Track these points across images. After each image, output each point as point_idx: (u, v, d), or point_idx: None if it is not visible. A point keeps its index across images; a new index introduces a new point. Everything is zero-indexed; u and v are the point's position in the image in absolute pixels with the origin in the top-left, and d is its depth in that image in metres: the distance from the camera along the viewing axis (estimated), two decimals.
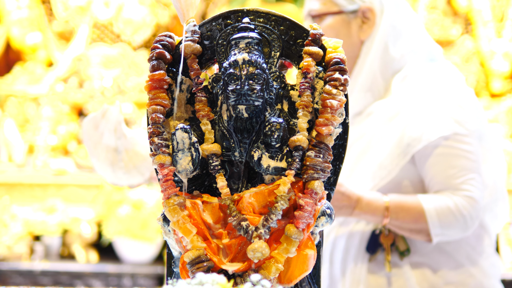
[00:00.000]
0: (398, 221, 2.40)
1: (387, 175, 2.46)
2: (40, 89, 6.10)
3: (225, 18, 1.76)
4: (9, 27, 6.34)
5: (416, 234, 2.44)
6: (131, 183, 2.64)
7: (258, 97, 1.64)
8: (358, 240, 2.55)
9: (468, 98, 2.53)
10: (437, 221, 2.38)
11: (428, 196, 2.42)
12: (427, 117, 2.45)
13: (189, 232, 1.63)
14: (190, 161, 1.66)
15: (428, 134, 2.42)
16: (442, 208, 2.39)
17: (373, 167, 2.49)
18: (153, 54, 1.72)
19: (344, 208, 2.36)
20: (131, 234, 5.32)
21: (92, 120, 2.52)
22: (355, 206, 2.36)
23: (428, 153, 2.44)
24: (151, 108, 1.69)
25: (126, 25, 6.31)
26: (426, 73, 2.57)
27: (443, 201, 2.40)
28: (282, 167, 1.66)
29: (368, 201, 2.38)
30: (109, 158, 2.54)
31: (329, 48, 1.72)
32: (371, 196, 2.40)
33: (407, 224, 2.41)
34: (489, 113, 5.84)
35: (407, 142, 2.44)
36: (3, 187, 5.75)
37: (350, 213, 2.37)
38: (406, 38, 2.61)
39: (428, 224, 2.39)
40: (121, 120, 2.51)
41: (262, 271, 1.61)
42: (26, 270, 5.33)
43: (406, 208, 2.40)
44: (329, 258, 2.63)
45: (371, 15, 2.57)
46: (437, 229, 2.39)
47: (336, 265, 2.60)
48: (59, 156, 5.95)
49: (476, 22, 6.19)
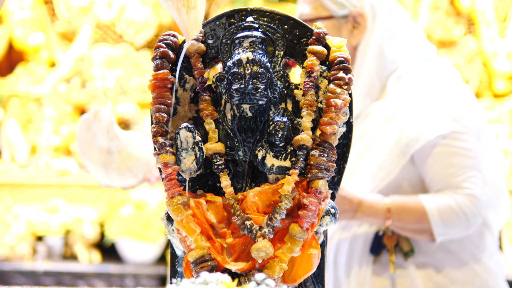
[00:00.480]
0: (400, 222, 2.40)
1: (387, 176, 2.46)
2: (42, 89, 6.10)
3: (229, 17, 1.76)
4: (11, 28, 6.34)
5: (419, 234, 2.43)
6: (124, 185, 2.63)
7: (262, 96, 1.63)
8: (362, 242, 2.55)
9: (464, 95, 2.53)
10: (440, 221, 2.38)
11: (430, 196, 2.42)
12: (425, 116, 2.45)
13: (193, 231, 1.63)
14: (194, 160, 1.65)
15: (426, 133, 2.42)
16: (444, 208, 2.39)
17: (373, 169, 2.49)
18: (156, 53, 1.72)
19: (346, 211, 2.36)
20: (134, 235, 5.31)
21: (84, 122, 2.52)
22: (356, 210, 2.36)
23: (427, 153, 2.44)
24: (155, 107, 1.68)
25: (128, 25, 6.31)
26: (421, 72, 2.57)
27: (445, 200, 2.40)
28: (286, 166, 1.65)
29: (370, 204, 2.38)
30: (102, 159, 2.53)
31: (333, 47, 1.72)
32: (372, 199, 2.40)
33: (409, 225, 2.41)
34: (492, 114, 5.84)
35: (406, 142, 2.44)
36: (5, 187, 5.75)
37: (352, 217, 2.37)
38: (400, 40, 2.61)
39: (431, 224, 2.39)
40: (113, 121, 2.51)
41: (266, 270, 1.60)
42: (29, 271, 5.33)
43: (408, 209, 2.40)
44: (333, 262, 2.62)
45: (362, 20, 2.57)
46: (440, 228, 2.39)
47: (341, 269, 2.60)
48: (61, 156, 5.95)
49: (479, 22, 6.18)
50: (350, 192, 2.36)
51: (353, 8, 2.56)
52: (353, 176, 2.53)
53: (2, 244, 5.45)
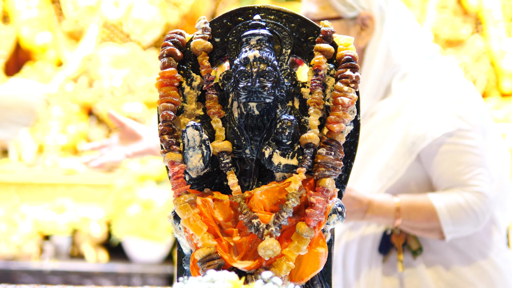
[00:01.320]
0: (410, 221, 2.40)
1: (394, 175, 2.46)
2: (49, 88, 6.11)
3: (236, 15, 1.76)
4: (19, 27, 6.36)
5: (428, 233, 2.43)
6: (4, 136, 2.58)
7: (269, 94, 1.63)
8: (371, 242, 2.55)
9: (469, 92, 2.53)
10: (449, 219, 2.38)
11: (438, 194, 2.42)
12: (430, 114, 2.45)
13: (200, 229, 1.63)
14: (201, 158, 1.65)
15: (432, 132, 2.42)
16: (453, 206, 2.38)
17: (379, 168, 2.49)
18: (163, 51, 1.72)
19: (356, 212, 2.35)
20: (141, 234, 5.32)
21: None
22: (366, 210, 2.36)
23: (434, 151, 2.44)
24: (162, 106, 1.68)
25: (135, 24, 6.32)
26: (426, 70, 2.57)
27: (453, 198, 2.40)
28: (293, 165, 1.65)
29: (379, 204, 2.37)
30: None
31: (340, 45, 1.71)
32: (381, 198, 2.39)
33: (419, 223, 2.41)
34: (499, 113, 5.83)
35: (412, 141, 2.44)
36: (13, 187, 5.76)
37: (362, 217, 2.37)
38: (406, 42, 2.61)
39: (440, 222, 2.38)
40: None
41: (273, 269, 1.60)
42: (36, 270, 5.34)
43: (417, 208, 2.40)
44: (342, 263, 2.62)
45: (370, 23, 2.56)
46: (449, 226, 2.39)
47: (350, 270, 2.60)
48: (68, 155, 5.96)
49: (486, 21, 6.17)
50: (360, 193, 2.36)
51: (362, 10, 2.55)
52: (360, 175, 2.53)
53: (10, 243, 5.46)
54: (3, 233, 5.47)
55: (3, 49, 6.35)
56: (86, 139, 6.08)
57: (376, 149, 2.52)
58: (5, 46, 6.36)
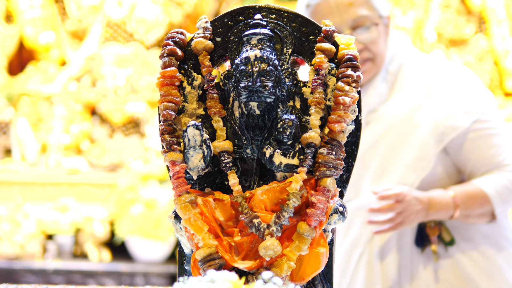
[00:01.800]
0: (467, 210, 2.47)
1: (427, 165, 2.51)
2: (53, 88, 6.12)
3: (237, 14, 1.75)
4: (22, 26, 6.37)
5: (480, 217, 2.52)
6: None
7: (270, 94, 1.63)
8: (410, 237, 2.56)
9: (476, 80, 2.60)
10: (500, 200, 2.47)
11: (483, 179, 2.50)
12: (455, 103, 2.50)
13: (201, 229, 1.63)
14: (202, 158, 1.65)
15: (462, 121, 2.48)
16: (500, 187, 2.47)
17: (410, 160, 2.51)
18: (164, 51, 1.71)
19: (420, 211, 2.42)
20: (144, 233, 5.32)
21: None
22: (428, 208, 2.43)
23: (461, 140, 2.50)
24: (163, 105, 1.68)
25: (139, 24, 6.32)
26: (430, 62, 2.63)
27: (498, 180, 2.48)
28: (294, 164, 1.65)
29: (438, 200, 2.45)
30: None
31: (341, 44, 1.71)
32: (438, 194, 2.46)
33: (474, 210, 2.48)
34: (503, 112, 5.82)
35: (441, 131, 2.49)
36: (16, 186, 5.77)
37: (425, 216, 2.44)
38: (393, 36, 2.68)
39: (493, 205, 2.47)
40: None
41: (274, 269, 1.60)
42: (39, 269, 5.35)
43: (471, 196, 2.47)
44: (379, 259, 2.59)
45: (390, 23, 2.59)
46: (500, 207, 2.49)
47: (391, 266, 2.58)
48: (72, 155, 5.96)
49: (490, 20, 6.16)
50: (417, 192, 2.42)
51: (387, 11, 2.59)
52: (387, 169, 2.55)
53: (13, 242, 5.47)
54: (6, 232, 5.48)
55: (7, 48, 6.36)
56: (89, 138, 6.08)
57: (401, 142, 2.56)
58: (8, 46, 6.37)
